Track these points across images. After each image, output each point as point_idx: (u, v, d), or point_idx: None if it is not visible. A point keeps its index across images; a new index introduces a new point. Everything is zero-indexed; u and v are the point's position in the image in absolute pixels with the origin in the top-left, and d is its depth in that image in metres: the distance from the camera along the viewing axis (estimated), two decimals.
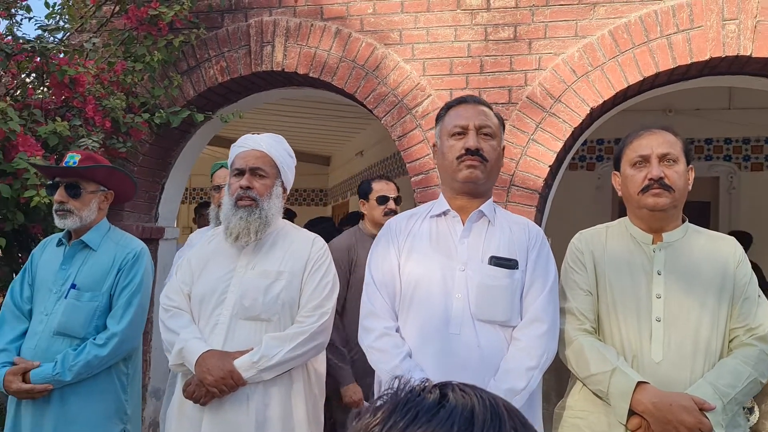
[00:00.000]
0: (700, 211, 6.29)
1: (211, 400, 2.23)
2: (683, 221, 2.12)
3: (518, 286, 2.02)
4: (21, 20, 3.68)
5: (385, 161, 7.90)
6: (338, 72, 3.84)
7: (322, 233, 5.79)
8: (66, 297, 2.55)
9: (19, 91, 3.59)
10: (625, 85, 3.49)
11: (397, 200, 3.53)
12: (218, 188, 3.33)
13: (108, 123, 3.53)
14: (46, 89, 3.63)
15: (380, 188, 3.52)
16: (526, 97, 3.59)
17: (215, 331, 2.30)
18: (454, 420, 0.63)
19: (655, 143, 2.05)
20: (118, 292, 2.59)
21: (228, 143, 2.54)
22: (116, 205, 2.88)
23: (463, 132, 2.06)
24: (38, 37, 3.46)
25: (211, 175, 3.52)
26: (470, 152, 2.02)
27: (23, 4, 3.63)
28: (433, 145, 2.21)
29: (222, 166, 3.47)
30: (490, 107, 2.15)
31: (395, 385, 0.69)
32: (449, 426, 0.62)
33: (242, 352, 2.24)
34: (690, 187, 2.10)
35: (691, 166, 2.10)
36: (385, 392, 0.69)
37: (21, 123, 3.17)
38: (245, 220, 2.33)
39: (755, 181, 6.37)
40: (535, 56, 3.62)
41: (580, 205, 6.13)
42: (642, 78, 3.47)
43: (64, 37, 3.81)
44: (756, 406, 3.45)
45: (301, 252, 2.41)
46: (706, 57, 3.39)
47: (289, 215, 5.78)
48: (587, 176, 6.62)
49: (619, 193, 2.19)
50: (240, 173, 2.39)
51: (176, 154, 4.42)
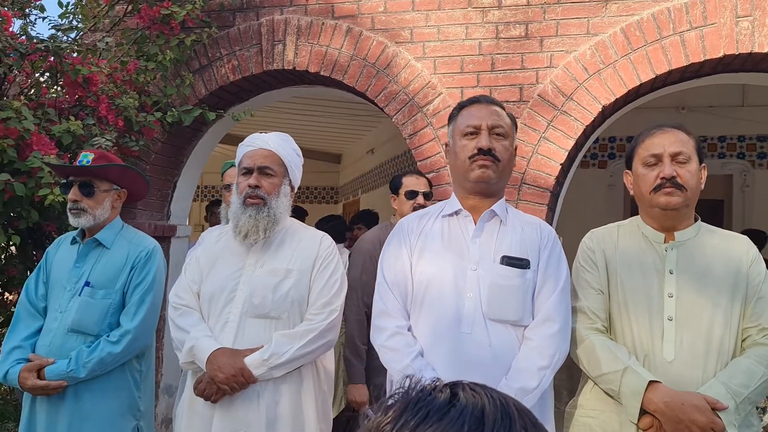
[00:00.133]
0: (713, 210, 6.24)
1: (222, 398, 2.24)
2: (696, 220, 2.11)
3: (530, 285, 2.01)
4: (35, 20, 3.72)
5: (395, 159, 7.90)
6: (349, 70, 3.84)
7: (332, 231, 5.81)
8: (80, 294, 2.57)
9: (33, 90, 3.63)
10: (638, 83, 3.47)
11: (426, 195, 3.43)
12: (229, 187, 3.34)
13: (121, 122, 3.56)
14: (59, 88, 3.67)
15: (410, 183, 3.43)
16: (538, 95, 3.58)
17: (225, 329, 2.31)
18: (464, 419, 0.63)
19: (668, 142, 2.04)
20: (131, 290, 2.61)
21: (239, 141, 2.55)
22: (129, 203, 2.90)
23: (475, 132, 2.06)
24: (52, 37, 3.49)
25: (222, 173, 3.53)
26: (483, 152, 2.02)
27: (37, 3, 3.67)
28: (446, 144, 2.21)
29: (232, 165, 3.47)
30: (503, 107, 2.15)
31: (406, 384, 0.70)
32: (460, 425, 0.62)
33: (252, 350, 2.25)
34: (702, 186, 2.08)
35: (703, 164, 2.09)
36: (396, 391, 0.70)
37: (35, 122, 3.20)
38: (254, 219, 2.34)
39: None
40: (546, 54, 3.61)
41: (591, 203, 6.10)
42: (655, 75, 3.45)
43: (77, 36, 3.84)
44: None
45: (310, 250, 2.42)
46: (720, 54, 3.37)
47: (300, 213, 5.80)
48: (599, 174, 6.59)
49: (631, 192, 2.18)
50: (248, 172, 2.41)
51: (188, 152, 4.45)
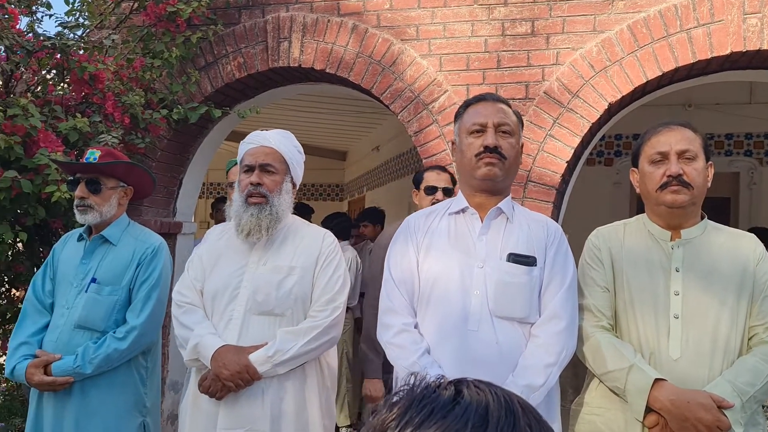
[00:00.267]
0: (720, 207, 6.22)
1: (227, 395, 2.25)
2: (702, 218, 2.10)
3: (536, 283, 2.02)
4: (42, 17, 3.73)
5: (401, 156, 7.90)
6: (355, 67, 3.84)
7: (336, 229, 5.82)
8: (86, 291, 2.58)
9: (39, 88, 3.64)
10: (644, 80, 3.46)
11: (447, 191, 3.27)
12: (233, 185, 3.35)
13: (127, 119, 3.57)
14: (66, 86, 3.67)
15: (430, 178, 3.32)
16: (544, 93, 3.57)
17: (229, 326, 2.32)
18: (468, 417, 0.63)
19: (674, 140, 2.03)
20: (138, 287, 2.62)
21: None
22: (135, 200, 2.91)
23: (481, 129, 2.06)
24: (58, 34, 3.50)
25: (227, 171, 3.54)
26: (489, 150, 2.02)
27: (43, 1, 3.68)
28: (452, 142, 2.21)
29: (237, 163, 3.48)
30: (509, 105, 2.15)
31: (411, 382, 0.70)
32: (464, 422, 0.62)
33: (257, 347, 2.26)
34: (709, 184, 2.08)
35: (710, 162, 2.08)
36: (401, 388, 0.70)
37: (42, 119, 3.21)
38: (256, 217, 2.35)
39: None
40: (552, 51, 3.60)
41: (597, 201, 6.08)
42: (661, 73, 3.43)
43: (83, 33, 3.85)
44: None
45: (312, 247, 2.42)
46: (727, 51, 3.35)
47: (306, 211, 5.81)
48: (605, 172, 6.57)
49: (638, 190, 2.18)
50: (250, 170, 2.41)
51: (194, 149, 4.46)
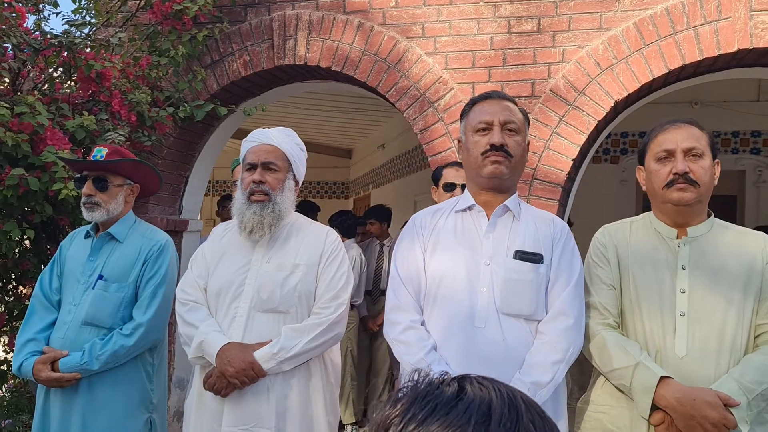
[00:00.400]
0: (726, 205, 6.19)
1: (232, 392, 2.26)
2: (709, 216, 2.10)
3: (543, 280, 2.02)
4: (48, 16, 3.74)
5: (406, 154, 7.90)
6: (360, 65, 3.84)
7: (342, 226, 5.80)
8: (93, 288, 2.59)
9: (47, 86, 3.65)
10: (651, 78, 3.44)
11: (465, 187, 3.26)
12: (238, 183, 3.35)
13: (133, 117, 3.58)
14: (73, 84, 3.69)
15: (449, 175, 3.26)
16: (550, 90, 3.57)
17: (234, 323, 2.33)
18: (471, 413, 0.63)
19: (680, 137, 2.03)
20: (144, 284, 2.63)
21: None
22: (142, 198, 2.92)
23: (487, 128, 2.06)
24: (65, 32, 3.52)
25: (232, 170, 3.55)
26: (495, 148, 2.02)
27: None
28: (458, 140, 2.21)
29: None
30: (515, 102, 2.15)
31: (415, 378, 0.70)
32: (467, 419, 0.63)
33: (261, 344, 2.27)
34: (716, 182, 2.07)
35: (717, 160, 2.07)
36: (405, 384, 0.70)
37: (49, 117, 3.23)
38: (259, 215, 2.35)
39: None
40: (558, 49, 3.59)
41: (603, 198, 6.07)
42: (668, 70, 3.42)
43: (90, 32, 3.87)
44: None
45: (316, 244, 2.43)
46: (734, 49, 3.34)
47: (313, 209, 5.81)
48: (611, 169, 6.55)
49: (644, 188, 2.17)
50: (252, 168, 2.41)
51: (200, 147, 4.47)
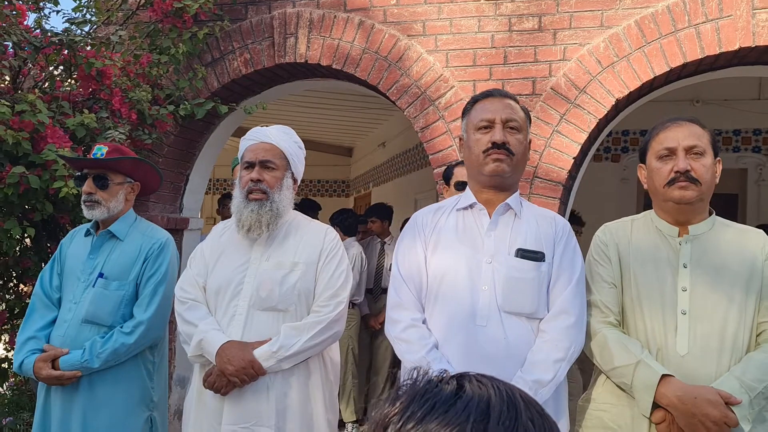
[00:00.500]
0: (728, 204, 6.19)
1: (232, 390, 2.26)
2: (710, 214, 2.09)
3: (545, 278, 2.01)
4: (49, 13, 3.74)
5: (407, 152, 7.90)
6: (361, 63, 3.84)
7: (343, 224, 5.79)
8: (94, 286, 2.60)
9: (47, 84, 3.65)
10: (652, 76, 3.44)
11: None
12: None
13: (134, 115, 3.58)
14: (73, 82, 3.69)
15: (460, 173, 3.24)
16: (551, 88, 3.56)
17: (233, 322, 2.33)
18: (470, 411, 0.63)
19: (682, 135, 2.02)
20: (144, 282, 2.63)
21: None
22: (142, 196, 2.92)
23: (489, 126, 2.05)
24: (66, 30, 3.51)
25: (232, 168, 3.54)
26: (497, 146, 2.02)
27: None
28: (459, 138, 2.21)
29: None
30: (517, 100, 2.15)
31: (414, 376, 0.70)
32: (465, 417, 0.63)
33: (261, 343, 2.27)
34: (717, 180, 2.07)
35: (718, 158, 2.07)
36: (405, 383, 0.70)
37: (50, 115, 3.23)
38: (256, 213, 2.35)
39: None
40: (559, 47, 3.59)
41: (604, 197, 6.07)
42: (669, 68, 3.42)
43: (91, 30, 3.87)
44: None
45: (315, 242, 2.43)
46: (736, 47, 3.33)
47: (314, 207, 5.81)
48: (612, 168, 6.55)
49: (645, 186, 2.17)
50: (250, 166, 2.41)
51: (201, 145, 4.47)
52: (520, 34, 3.64)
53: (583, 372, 4.09)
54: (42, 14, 3.66)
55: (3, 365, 3.62)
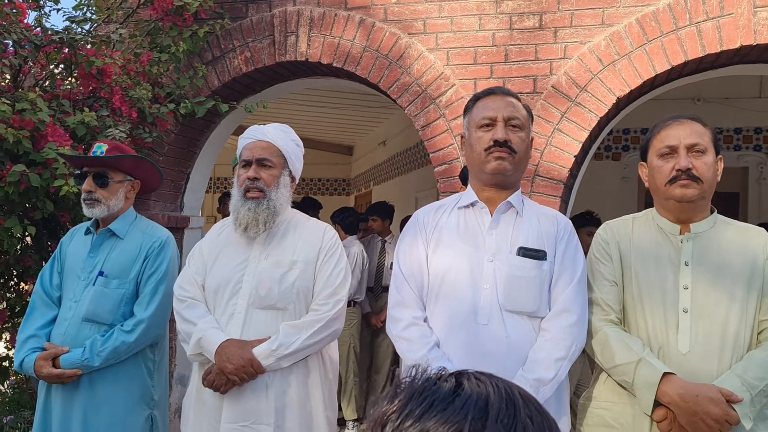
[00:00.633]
0: (729, 202, 6.19)
1: (231, 389, 2.26)
2: (712, 212, 2.09)
3: (546, 277, 2.01)
4: (49, 12, 3.73)
5: (408, 151, 7.89)
6: (362, 62, 3.83)
7: (344, 223, 5.78)
8: (94, 284, 2.59)
9: (47, 82, 3.65)
10: (653, 74, 3.43)
11: None
12: None
13: (134, 113, 3.57)
14: (74, 80, 3.69)
15: None
16: (552, 87, 3.56)
17: (232, 320, 2.33)
18: (468, 409, 0.63)
19: (683, 133, 2.02)
20: (145, 280, 2.63)
21: None
22: (142, 194, 2.92)
23: (491, 123, 2.05)
24: (66, 29, 3.51)
25: (233, 167, 3.54)
26: (498, 144, 2.02)
27: None
28: (461, 136, 2.20)
29: None
30: (519, 98, 2.14)
31: (412, 374, 0.70)
32: (464, 414, 0.62)
33: (260, 341, 2.27)
34: (719, 178, 2.06)
35: (719, 156, 2.06)
36: (403, 380, 0.70)
37: (50, 113, 3.22)
38: (254, 211, 2.36)
39: None
40: (560, 45, 3.58)
41: (605, 195, 6.06)
42: (670, 67, 3.41)
43: (91, 28, 3.86)
44: None
45: (314, 241, 2.43)
46: (737, 45, 3.32)
47: (315, 206, 5.80)
48: (613, 166, 6.54)
49: (646, 184, 2.16)
50: (247, 164, 2.42)
51: (201, 143, 4.47)
52: (521, 32, 3.64)
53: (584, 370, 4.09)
54: (42, 12, 3.65)
55: (4, 364, 3.62)
